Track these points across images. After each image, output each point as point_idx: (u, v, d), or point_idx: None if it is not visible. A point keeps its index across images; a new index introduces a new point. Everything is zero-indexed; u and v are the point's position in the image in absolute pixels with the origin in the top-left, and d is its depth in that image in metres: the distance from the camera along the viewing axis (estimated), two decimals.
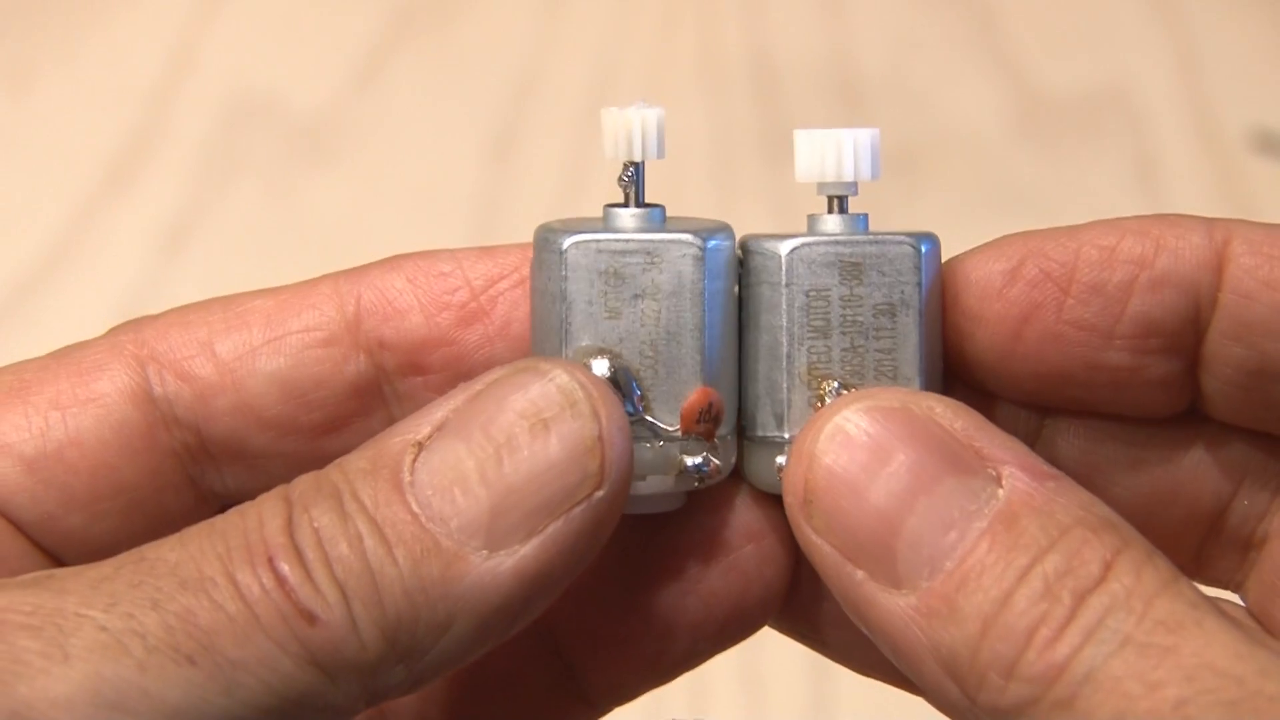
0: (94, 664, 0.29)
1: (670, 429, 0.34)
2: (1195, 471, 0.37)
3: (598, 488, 0.32)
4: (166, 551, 0.31)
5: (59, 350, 0.36)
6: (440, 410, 0.33)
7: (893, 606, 0.32)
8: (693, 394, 0.34)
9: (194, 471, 0.36)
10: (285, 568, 0.31)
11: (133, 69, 0.86)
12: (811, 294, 0.34)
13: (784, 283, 0.34)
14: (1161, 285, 0.34)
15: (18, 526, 0.35)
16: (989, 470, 0.32)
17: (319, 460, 0.34)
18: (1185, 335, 0.35)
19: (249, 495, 0.33)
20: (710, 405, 0.34)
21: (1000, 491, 0.32)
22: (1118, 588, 0.30)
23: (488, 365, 0.35)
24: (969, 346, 0.35)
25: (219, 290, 0.37)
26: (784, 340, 0.34)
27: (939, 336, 0.35)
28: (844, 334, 0.34)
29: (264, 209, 0.80)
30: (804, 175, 0.35)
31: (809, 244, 0.34)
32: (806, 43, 0.88)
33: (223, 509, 0.34)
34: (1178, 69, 0.86)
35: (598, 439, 0.32)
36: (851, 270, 0.34)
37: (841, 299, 0.34)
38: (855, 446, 0.33)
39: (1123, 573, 0.30)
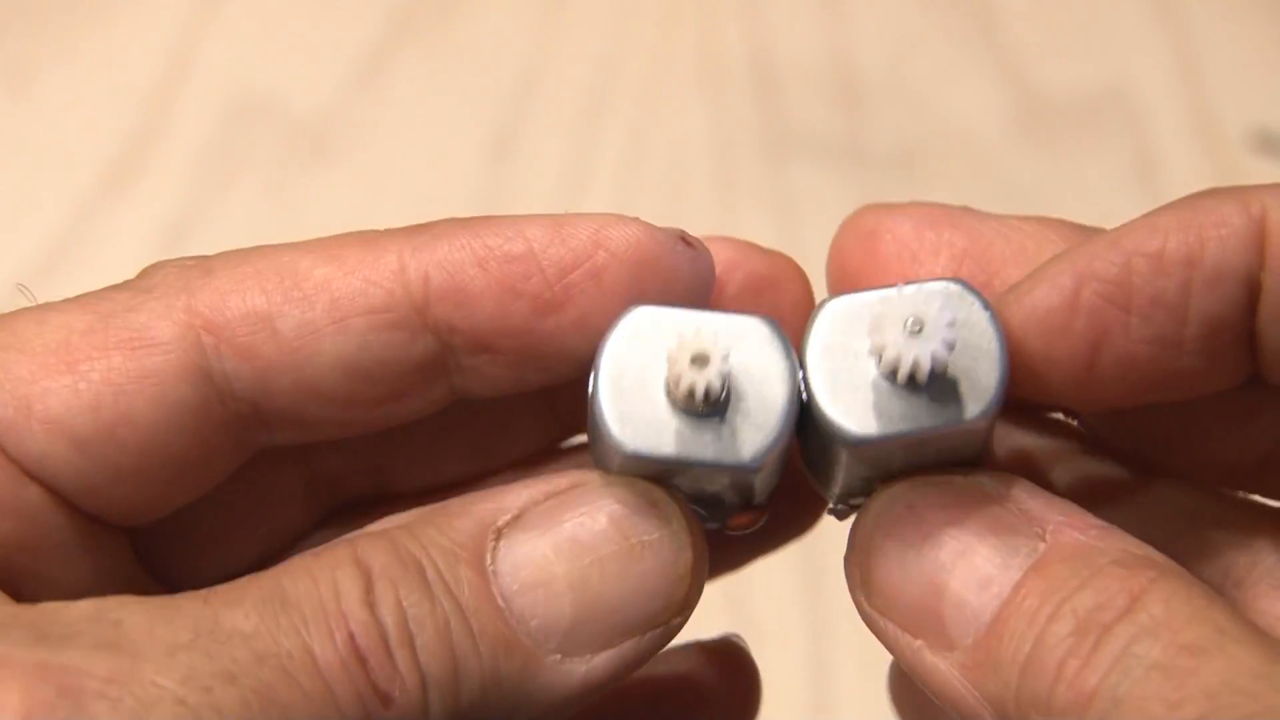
0: None
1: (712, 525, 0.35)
2: (1262, 433, 0.37)
3: (679, 614, 0.33)
4: (241, 620, 0.31)
5: (104, 303, 0.35)
6: (517, 498, 0.33)
7: (945, 668, 0.33)
8: (744, 516, 0.35)
9: (244, 436, 0.35)
10: (367, 645, 0.31)
11: (133, 68, 0.86)
12: (875, 462, 0.34)
13: (842, 461, 0.34)
14: (1216, 281, 0.34)
15: (62, 497, 0.34)
16: (1034, 529, 0.33)
17: (376, 425, 0.34)
18: (1247, 320, 0.34)
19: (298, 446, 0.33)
20: (757, 518, 0.35)
21: (1041, 545, 0.32)
22: (1145, 618, 0.31)
23: (561, 356, 0.35)
24: (1044, 385, 0.35)
25: None
26: (839, 477, 0.34)
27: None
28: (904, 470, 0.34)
29: (264, 209, 0.80)
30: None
31: (876, 439, 0.33)
32: (806, 42, 0.88)
33: (270, 456, 0.35)
34: (1177, 69, 0.86)
35: (689, 569, 0.33)
36: (918, 445, 0.34)
37: (905, 449, 0.34)
38: (902, 523, 0.33)
39: (1151, 602, 0.31)
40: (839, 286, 0.37)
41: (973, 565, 0.33)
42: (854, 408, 0.33)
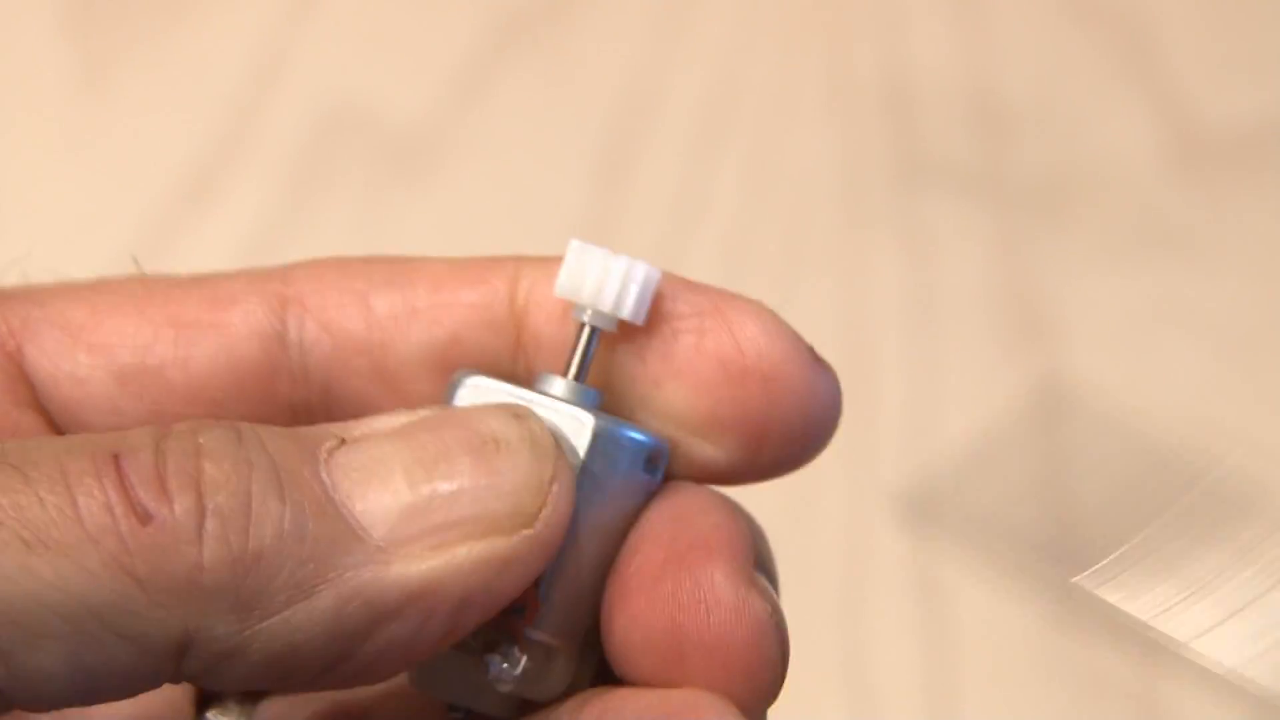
0: None
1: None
2: None
3: (526, 526, 0.32)
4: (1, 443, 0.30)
5: (200, 274, 0.36)
6: (379, 421, 0.32)
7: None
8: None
9: (301, 421, 0.35)
10: (132, 463, 0.30)
11: (219, 72, 0.86)
12: None
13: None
14: None
15: (86, 429, 0.34)
16: None
17: None
18: None
19: None
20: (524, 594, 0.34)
21: None
22: None
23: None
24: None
25: None
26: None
27: None
28: None
29: (353, 228, 0.81)
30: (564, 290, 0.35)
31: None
32: (945, 63, 0.88)
33: None
34: None
35: (549, 482, 0.32)
36: None
37: None
38: None
39: None
40: None
41: None
42: None
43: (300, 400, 0.35)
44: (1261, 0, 0.89)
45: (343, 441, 0.31)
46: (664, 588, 0.33)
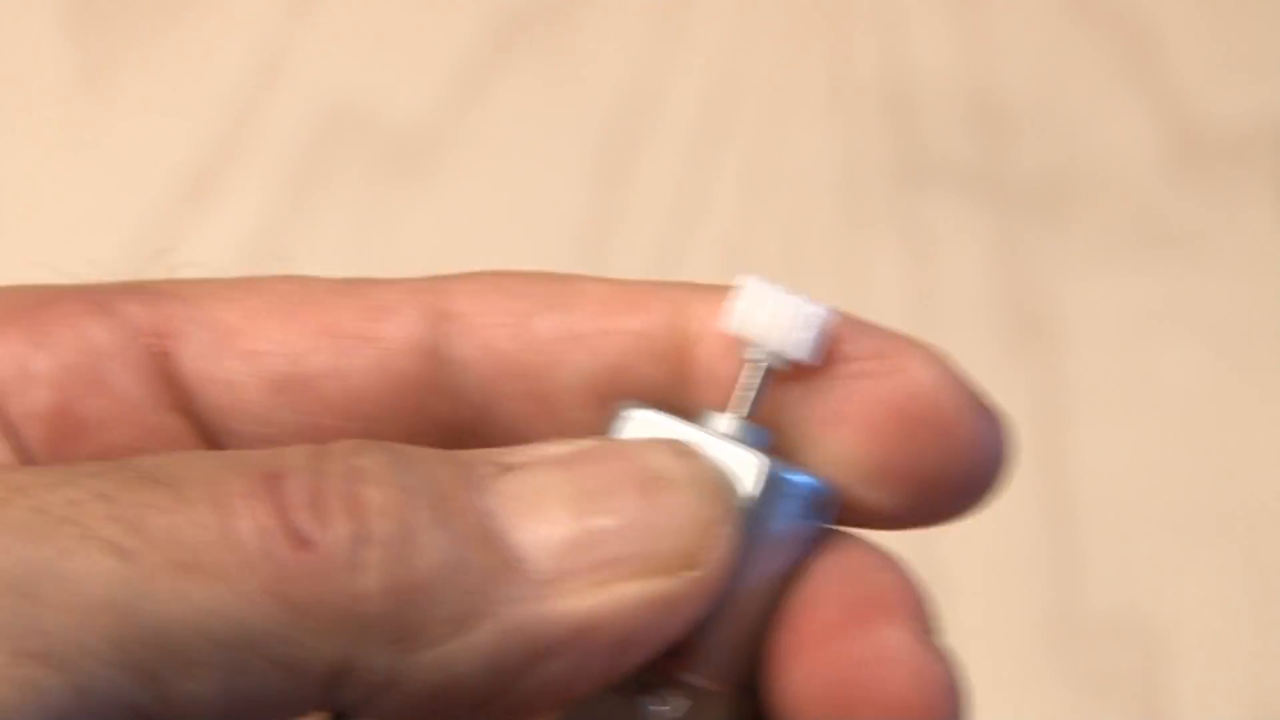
0: (13, 541, 0.28)
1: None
2: None
3: (689, 567, 0.31)
4: (150, 458, 0.30)
5: (351, 279, 0.35)
6: (541, 449, 0.32)
7: None
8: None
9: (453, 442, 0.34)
10: (290, 485, 0.29)
11: (219, 72, 0.86)
12: None
13: None
14: None
15: (234, 438, 0.34)
16: None
17: None
18: None
19: None
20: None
21: None
22: None
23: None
24: None
25: None
26: None
27: None
28: None
29: (354, 228, 0.81)
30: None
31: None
32: (945, 63, 0.88)
33: None
34: None
35: (717, 523, 0.31)
36: None
37: None
38: None
39: None
40: None
41: None
42: None
43: (455, 420, 0.34)
44: (1261, 0, 0.89)
45: (504, 468, 0.31)
46: (840, 643, 0.32)
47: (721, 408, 0.34)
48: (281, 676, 0.29)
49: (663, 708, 0.33)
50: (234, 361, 0.33)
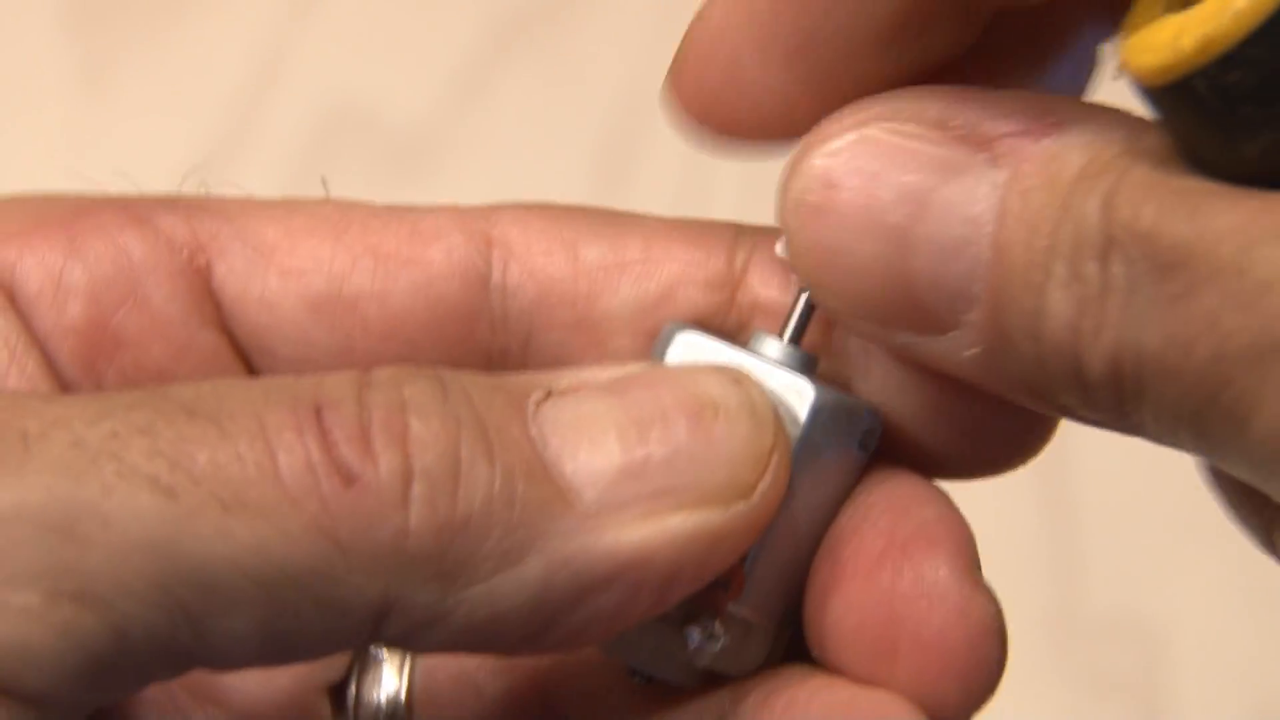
0: (52, 478, 0.27)
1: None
2: None
3: (742, 498, 0.30)
4: (188, 386, 0.29)
5: (394, 205, 0.34)
6: (589, 372, 0.31)
7: (956, 357, 0.30)
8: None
9: (495, 370, 0.33)
10: (334, 418, 0.28)
11: (219, 72, 0.86)
12: None
13: None
14: None
15: (245, 356, 0.33)
16: (982, 155, 0.30)
17: None
18: None
19: None
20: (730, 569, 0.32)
21: (1001, 175, 0.29)
22: (1122, 229, 0.28)
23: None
24: None
25: None
26: None
27: None
28: None
29: None
30: None
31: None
32: None
33: None
34: None
35: (768, 453, 0.31)
36: None
37: None
38: (827, 212, 0.31)
39: (1123, 207, 0.28)
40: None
41: (931, 232, 0.30)
42: None
43: (499, 347, 0.33)
44: None
45: (550, 393, 0.30)
46: (883, 576, 0.31)
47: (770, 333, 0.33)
48: (325, 615, 0.28)
49: (704, 639, 0.32)
50: (273, 279, 0.33)
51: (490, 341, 0.33)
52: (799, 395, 0.32)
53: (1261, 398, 0.27)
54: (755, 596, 0.32)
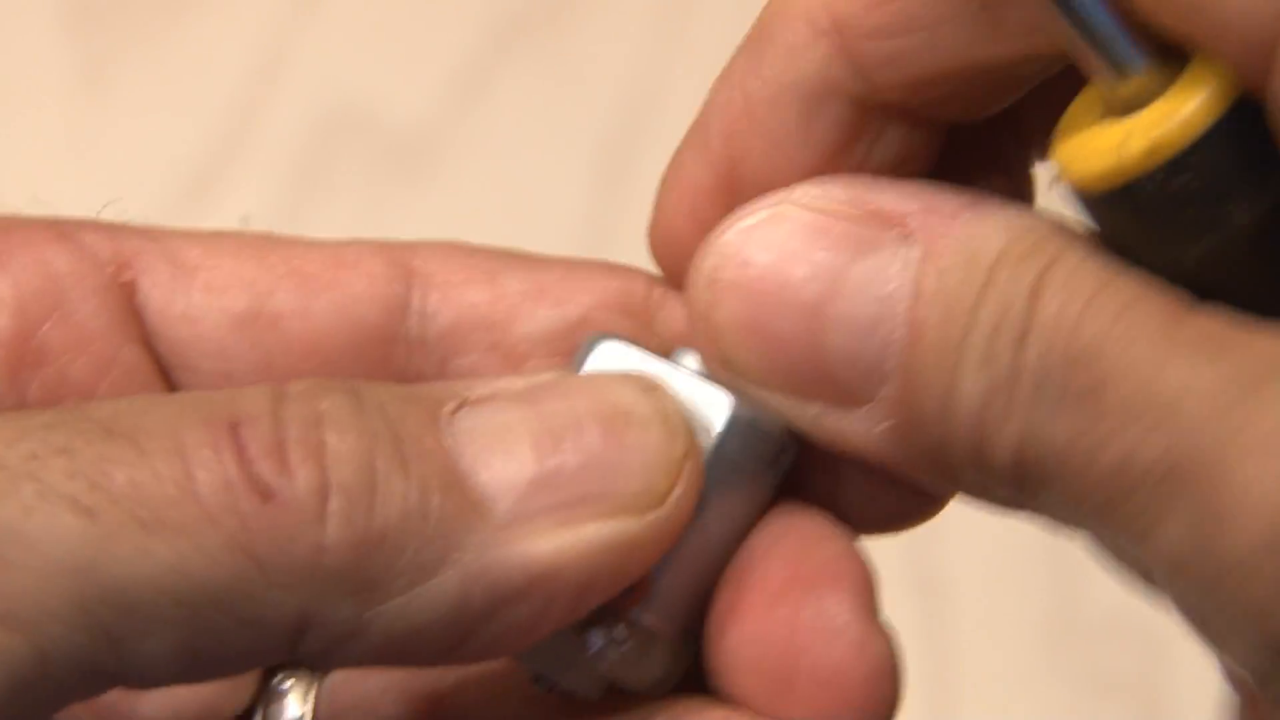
0: None
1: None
2: None
3: (656, 506, 0.30)
4: (105, 404, 0.29)
5: (321, 239, 0.34)
6: (502, 381, 0.31)
7: (867, 433, 0.30)
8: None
9: None
10: (250, 433, 0.28)
11: (219, 72, 0.86)
12: None
13: None
14: None
15: (178, 385, 0.33)
16: (894, 231, 0.30)
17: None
18: None
19: None
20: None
21: (914, 252, 0.30)
22: (1047, 318, 0.28)
23: None
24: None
25: None
26: None
27: None
28: None
29: (354, 228, 0.80)
30: None
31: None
32: None
33: None
34: None
35: (680, 461, 0.31)
36: None
37: None
38: (739, 289, 0.31)
39: (1050, 296, 0.28)
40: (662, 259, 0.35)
41: (844, 311, 0.30)
42: None
43: (415, 370, 0.33)
44: None
45: (464, 403, 0.30)
46: (784, 610, 0.32)
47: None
48: (244, 632, 0.28)
49: (605, 644, 0.32)
50: (196, 295, 0.33)
51: (407, 364, 0.34)
52: (715, 407, 0.32)
53: (1161, 517, 0.27)
54: (660, 605, 0.32)
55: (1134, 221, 0.29)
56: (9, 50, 0.86)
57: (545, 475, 0.30)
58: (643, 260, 0.36)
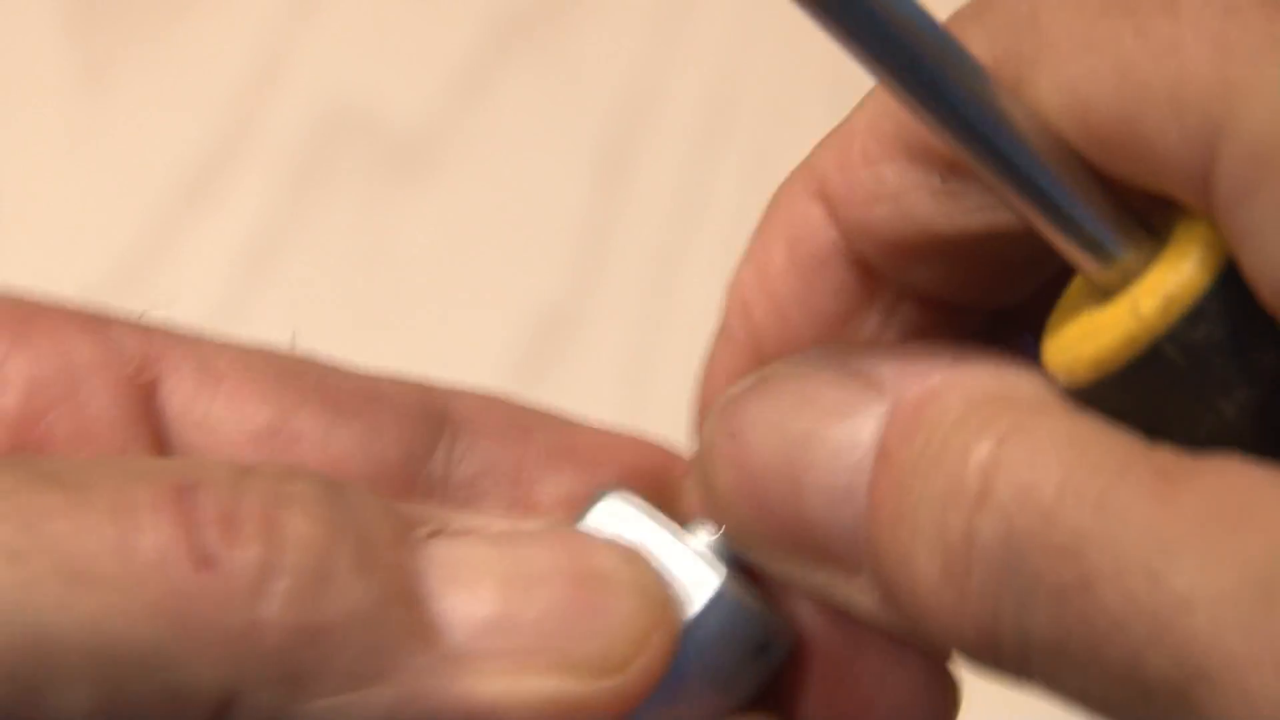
0: None
1: None
2: None
3: (612, 675, 0.30)
4: (61, 459, 0.28)
5: (361, 369, 0.34)
6: (484, 519, 0.31)
7: (866, 602, 0.29)
8: None
9: None
10: (202, 499, 0.27)
11: (219, 71, 0.86)
12: None
13: None
14: None
15: None
16: (872, 392, 0.29)
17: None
18: None
19: None
20: None
21: (883, 416, 0.29)
22: (1006, 497, 0.26)
23: None
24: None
25: (304, 315, 0.37)
26: None
27: None
28: None
29: (354, 229, 0.81)
30: None
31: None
32: None
33: None
34: None
35: (648, 633, 0.30)
36: None
37: None
38: (732, 456, 0.30)
39: (1011, 471, 0.26)
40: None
41: (819, 480, 0.29)
42: None
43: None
44: None
45: (439, 531, 0.30)
46: None
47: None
48: (163, 700, 0.27)
49: None
50: (218, 404, 0.32)
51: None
52: (703, 585, 0.31)
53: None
54: None
55: (1160, 388, 0.27)
56: (9, 50, 0.86)
57: (503, 618, 0.29)
58: (643, 260, 0.36)
